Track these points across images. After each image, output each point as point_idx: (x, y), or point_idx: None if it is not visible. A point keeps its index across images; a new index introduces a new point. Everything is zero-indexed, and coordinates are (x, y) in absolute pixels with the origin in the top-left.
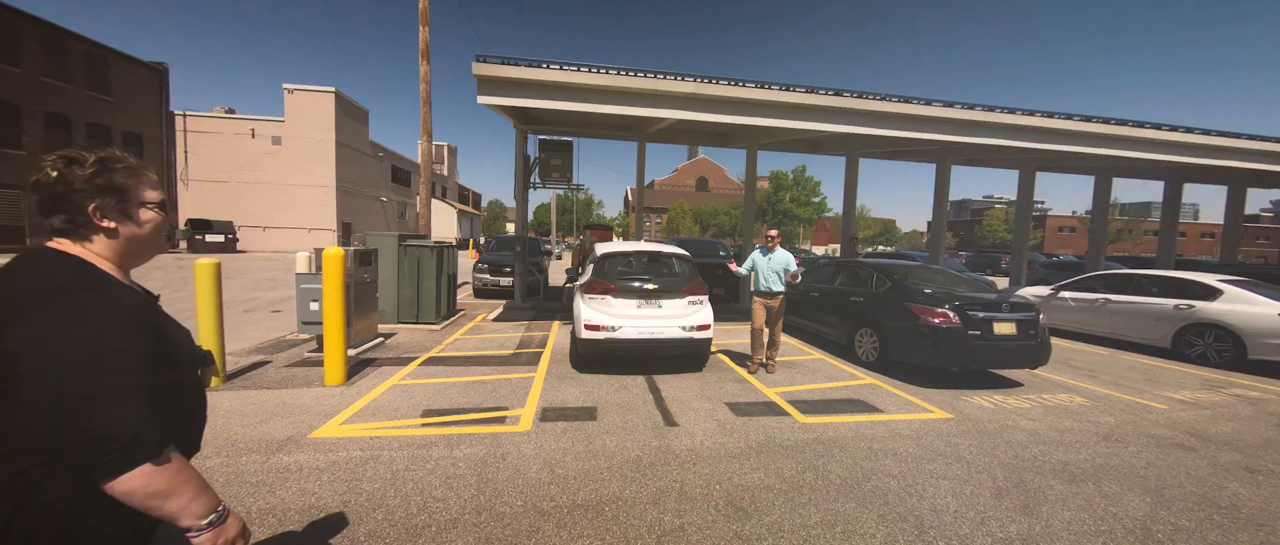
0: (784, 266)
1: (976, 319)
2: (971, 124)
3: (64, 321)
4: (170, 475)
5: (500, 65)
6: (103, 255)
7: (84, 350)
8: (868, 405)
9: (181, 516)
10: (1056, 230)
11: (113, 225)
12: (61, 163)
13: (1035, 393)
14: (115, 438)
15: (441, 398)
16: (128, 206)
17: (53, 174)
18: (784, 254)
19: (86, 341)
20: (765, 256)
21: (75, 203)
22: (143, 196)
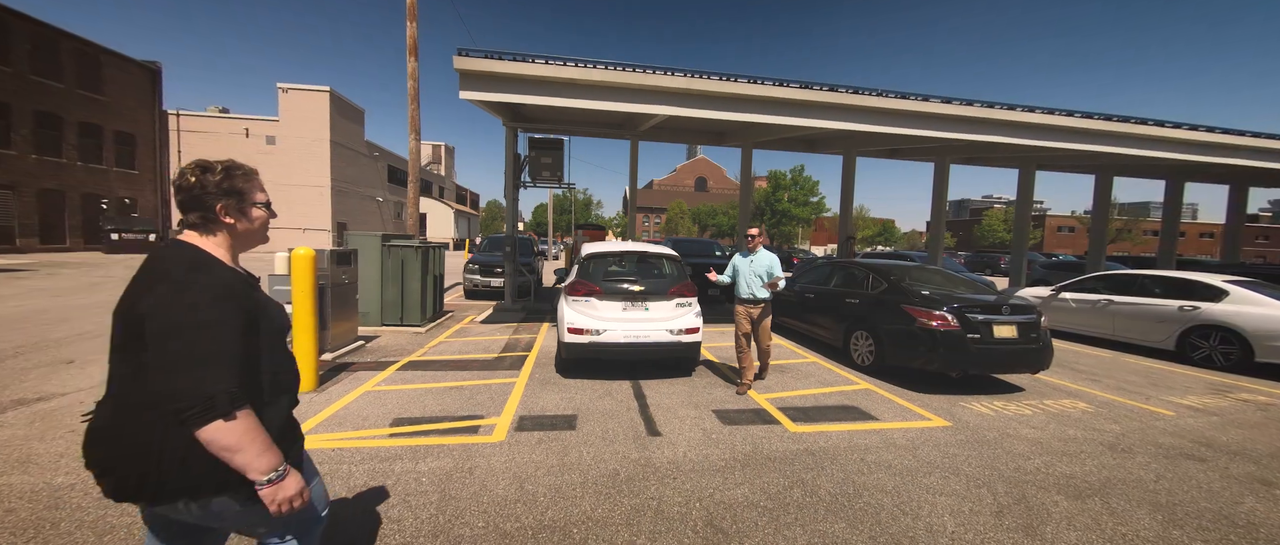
0: (767, 270)
1: (976, 321)
2: (971, 120)
3: (175, 295)
4: (239, 433)
5: (484, 59)
6: (221, 245)
7: (185, 319)
8: (862, 412)
9: (247, 470)
10: (1055, 230)
11: (232, 221)
12: (197, 171)
13: (1037, 398)
14: (196, 395)
15: (415, 405)
16: (244, 205)
17: (191, 179)
18: (767, 256)
19: (187, 312)
20: (747, 259)
21: (206, 203)
22: (255, 198)
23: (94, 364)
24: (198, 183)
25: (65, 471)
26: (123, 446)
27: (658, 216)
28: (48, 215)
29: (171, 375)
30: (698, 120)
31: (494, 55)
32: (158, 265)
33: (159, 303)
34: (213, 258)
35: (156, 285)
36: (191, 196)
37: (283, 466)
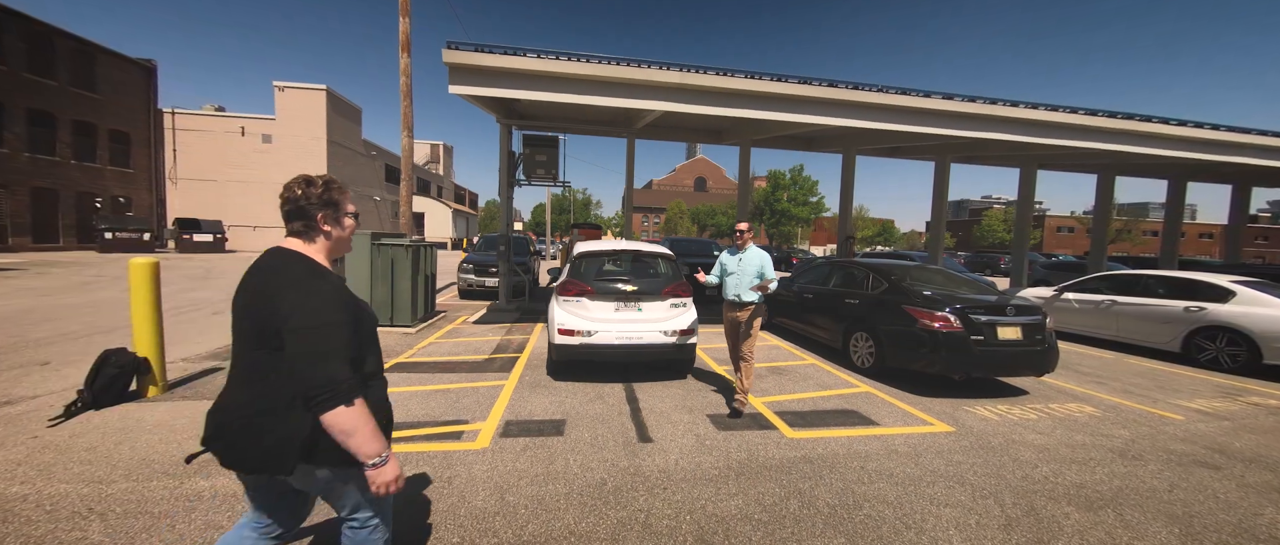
0: (758, 270)
1: (979, 323)
2: (972, 117)
3: (304, 300)
4: (355, 417)
5: (474, 53)
6: (320, 250)
7: (314, 320)
8: (862, 417)
9: (359, 453)
10: (1055, 230)
11: (329, 229)
12: (303, 183)
13: (1042, 402)
14: (327, 385)
15: (398, 409)
16: (339, 215)
17: (297, 192)
18: (758, 254)
19: (315, 314)
20: (735, 257)
21: (309, 212)
22: (346, 208)
23: (72, 366)
24: (303, 194)
25: (21, 481)
26: (253, 426)
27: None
28: (41, 214)
29: (305, 368)
30: (695, 117)
31: (485, 48)
32: (279, 271)
33: (293, 307)
34: (323, 265)
35: (285, 290)
36: (297, 206)
37: (387, 452)
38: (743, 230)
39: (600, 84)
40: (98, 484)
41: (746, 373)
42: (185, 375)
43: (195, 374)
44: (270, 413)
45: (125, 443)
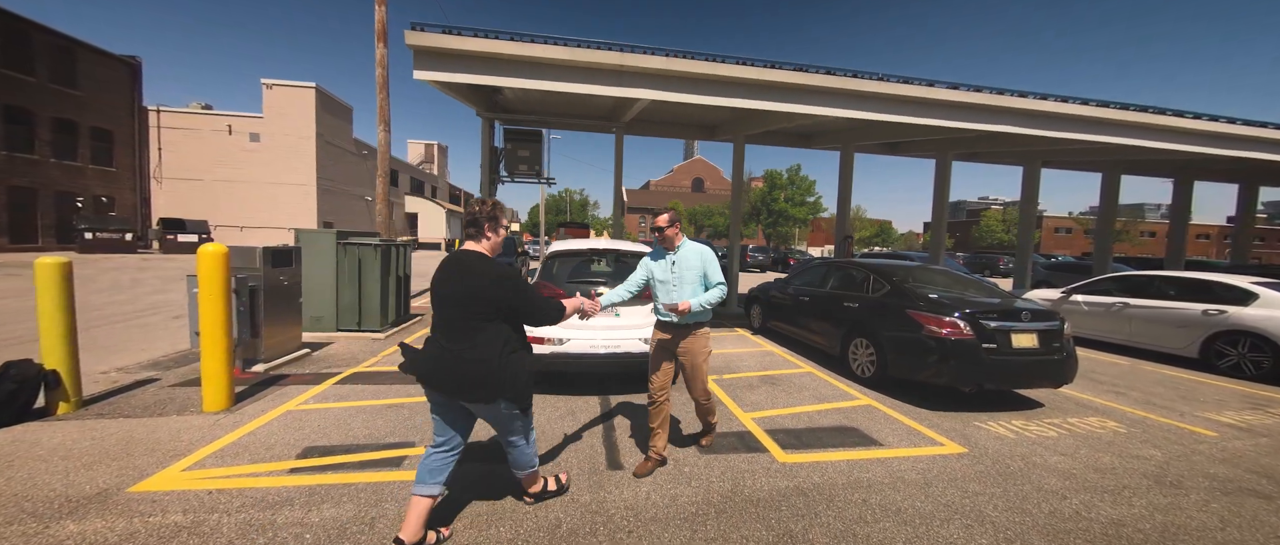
0: (701, 273)
1: (991, 329)
2: (979, 109)
3: (510, 281)
4: (569, 308)
5: (441, 35)
6: (485, 248)
7: (530, 290)
8: (863, 435)
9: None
10: (1053, 231)
11: (491, 236)
12: (479, 204)
13: (1060, 415)
14: (547, 309)
15: (338, 429)
16: (497, 226)
17: (477, 209)
18: (695, 252)
19: (527, 286)
20: (665, 261)
21: (480, 224)
22: (502, 222)
23: None
24: (480, 211)
25: None
26: (465, 365)
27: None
28: (18, 213)
29: (538, 315)
30: (685, 110)
31: (453, 30)
32: (475, 266)
33: (505, 290)
34: (480, 255)
35: (484, 278)
36: (474, 218)
37: (580, 303)
38: (662, 226)
39: (579, 70)
40: None
41: (707, 414)
42: (113, 387)
43: (125, 386)
44: (482, 361)
45: (21, 470)
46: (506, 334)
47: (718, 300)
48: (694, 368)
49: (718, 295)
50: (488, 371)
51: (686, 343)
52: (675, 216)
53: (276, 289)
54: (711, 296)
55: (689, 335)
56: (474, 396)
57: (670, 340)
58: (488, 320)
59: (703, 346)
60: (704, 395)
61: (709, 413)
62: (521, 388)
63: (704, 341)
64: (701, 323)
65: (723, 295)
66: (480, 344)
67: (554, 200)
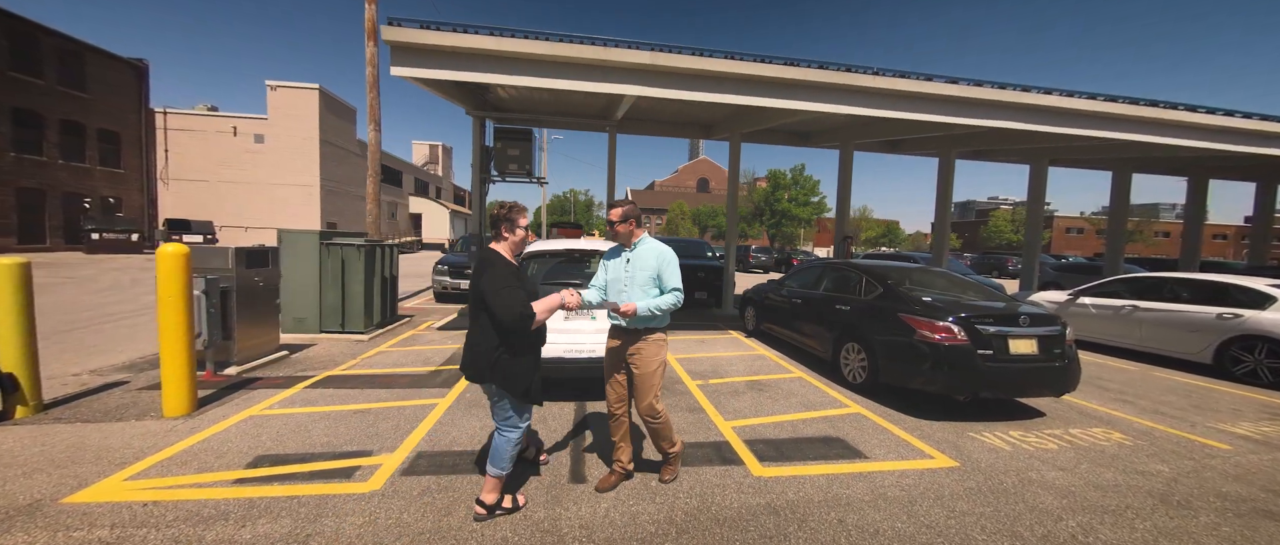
0: (654, 275)
1: (987, 334)
2: (979, 104)
3: (488, 272)
4: (540, 310)
5: (420, 30)
6: (505, 247)
7: (497, 285)
8: (848, 446)
9: (554, 309)
10: (1064, 231)
11: (507, 236)
12: (498, 206)
13: (1061, 426)
14: (515, 306)
15: (296, 436)
16: (514, 227)
17: (495, 212)
18: (652, 251)
19: (500, 279)
20: (620, 258)
21: (499, 225)
22: (518, 224)
23: None
24: (498, 213)
25: None
26: (473, 352)
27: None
28: (27, 214)
29: (497, 308)
30: (676, 106)
31: (431, 25)
32: (485, 258)
33: (489, 281)
34: (502, 256)
35: (484, 271)
36: (494, 220)
37: (560, 298)
38: (614, 220)
39: (560, 65)
40: None
41: (660, 437)
42: (82, 390)
43: (93, 389)
44: (475, 345)
45: None
46: (517, 339)
47: (670, 307)
48: (641, 378)
49: (670, 302)
50: (477, 354)
51: (635, 347)
52: (630, 211)
53: (251, 290)
54: (663, 302)
55: (638, 340)
56: (469, 375)
57: (619, 346)
58: (483, 309)
59: (653, 355)
60: (650, 413)
61: (661, 436)
62: (512, 379)
63: (655, 349)
64: (653, 328)
65: (676, 303)
66: (478, 329)
67: (559, 201)
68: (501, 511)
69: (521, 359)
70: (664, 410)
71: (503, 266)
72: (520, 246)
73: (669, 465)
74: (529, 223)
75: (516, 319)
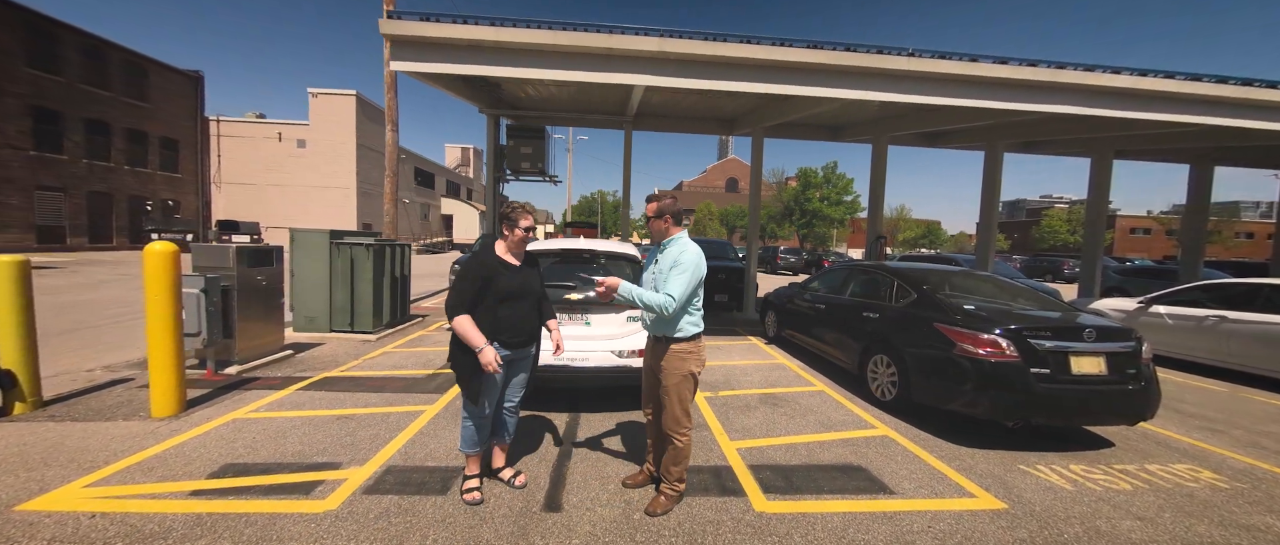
0: (669, 266)
1: (1043, 350)
2: (1033, 87)
3: (460, 269)
4: (461, 326)
5: (418, 22)
6: (503, 247)
7: (457, 279)
8: (871, 478)
9: (471, 343)
10: (1128, 232)
11: (507, 233)
12: (504, 206)
13: (1136, 459)
14: (450, 307)
15: (271, 443)
16: (513, 227)
17: (502, 211)
18: (671, 255)
19: (459, 275)
20: (653, 257)
21: (501, 224)
22: (518, 223)
23: None
24: (502, 212)
25: None
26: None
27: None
28: (96, 216)
29: (449, 299)
30: (694, 99)
31: (430, 17)
32: (472, 253)
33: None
34: (489, 250)
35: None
36: (499, 218)
37: (484, 345)
38: (650, 216)
39: (565, 56)
40: None
41: (671, 460)
42: (86, 386)
43: (97, 386)
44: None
45: None
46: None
47: (653, 305)
48: (664, 390)
49: (656, 301)
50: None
51: (657, 356)
52: (666, 206)
53: (254, 289)
54: (647, 297)
55: (658, 346)
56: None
57: (649, 354)
58: None
59: (674, 367)
60: (671, 428)
61: (672, 460)
62: (456, 369)
63: (676, 362)
64: (671, 336)
65: (663, 305)
66: None
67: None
68: (468, 487)
69: (464, 356)
70: (688, 433)
71: (470, 264)
72: (520, 245)
73: (663, 496)
74: (531, 224)
75: (448, 313)
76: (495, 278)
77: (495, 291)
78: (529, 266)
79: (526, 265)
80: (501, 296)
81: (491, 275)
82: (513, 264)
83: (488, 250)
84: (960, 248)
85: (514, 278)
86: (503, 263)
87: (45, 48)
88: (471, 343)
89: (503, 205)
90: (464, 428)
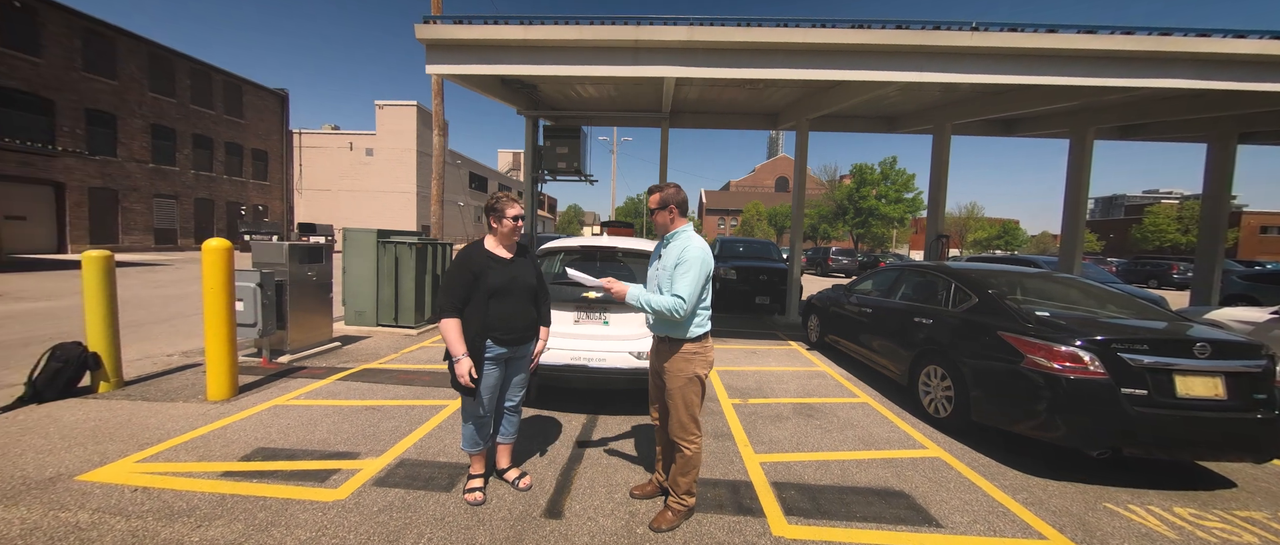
0: (671, 271)
1: (1139, 366)
2: (1128, 60)
3: (449, 268)
4: (446, 330)
5: (452, 25)
6: (492, 238)
7: (446, 278)
8: (915, 506)
9: (451, 351)
10: (1257, 231)
11: (495, 225)
12: (489, 198)
13: (1268, 505)
14: (438, 308)
15: (302, 430)
16: (500, 218)
17: (488, 203)
18: (676, 248)
19: (448, 274)
20: (657, 252)
21: (489, 215)
22: (505, 213)
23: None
24: (488, 203)
25: None
26: None
27: (733, 218)
28: (201, 220)
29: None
30: (727, 91)
31: (463, 20)
32: (460, 252)
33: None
34: (478, 245)
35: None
36: (485, 210)
37: (461, 356)
38: (653, 209)
39: (589, 50)
40: None
41: (679, 468)
42: (162, 369)
43: (171, 369)
44: None
45: (14, 448)
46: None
47: (662, 310)
48: (668, 394)
49: (666, 305)
50: None
51: (661, 357)
52: (669, 196)
53: (305, 284)
54: (656, 301)
55: (662, 347)
56: None
57: (654, 355)
58: None
59: (679, 369)
60: (678, 434)
61: (681, 470)
62: (450, 366)
63: (682, 363)
64: (677, 337)
65: (673, 308)
66: None
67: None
68: (470, 487)
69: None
70: (697, 440)
71: (457, 262)
72: (510, 237)
73: (670, 510)
74: (520, 213)
75: (438, 312)
76: (484, 273)
77: (485, 287)
78: (521, 258)
79: (518, 257)
80: (491, 292)
81: (480, 271)
82: (503, 257)
83: (476, 245)
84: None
85: (504, 272)
86: (492, 257)
87: (164, 73)
88: (451, 349)
89: (490, 197)
90: (464, 427)
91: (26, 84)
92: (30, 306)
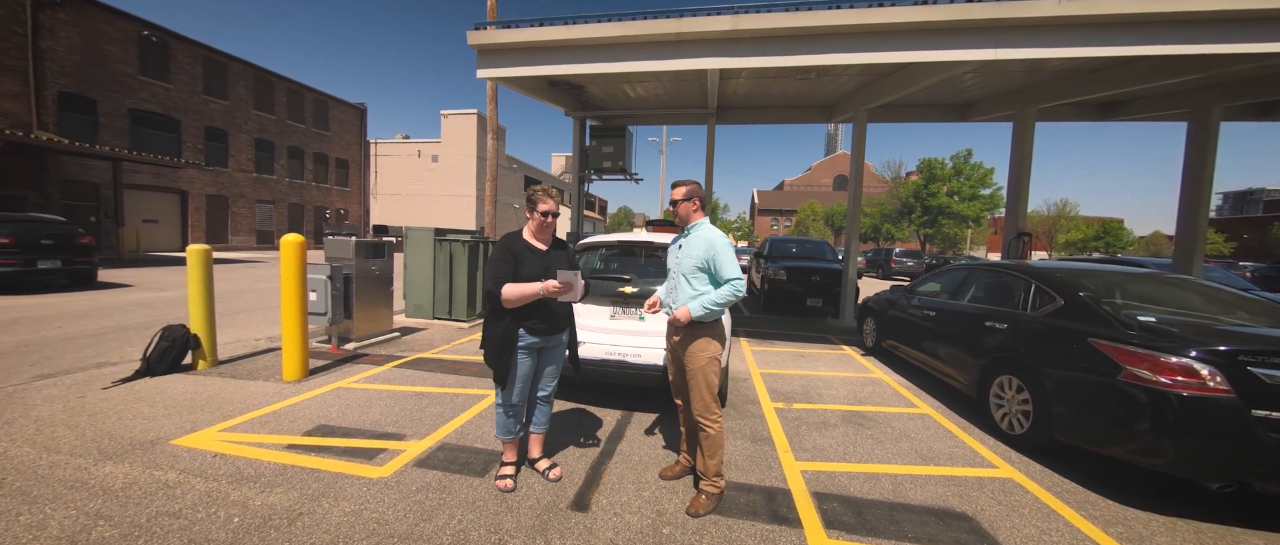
0: (698, 264)
1: (1274, 383)
2: (1265, 17)
3: (492, 251)
4: (508, 295)
5: (500, 30)
6: (528, 228)
7: (490, 258)
8: (979, 531)
9: (527, 299)
10: None
11: (530, 215)
12: (528, 191)
13: None
14: (487, 291)
15: (358, 410)
16: (533, 210)
17: (528, 197)
18: (703, 238)
19: (492, 255)
20: (676, 245)
21: (527, 206)
22: (539, 207)
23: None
24: (527, 195)
25: (24, 441)
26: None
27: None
28: (294, 222)
29: (485, 281)
30: (777, 84)
31: (511, 24)
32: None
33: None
34: (517, 235)
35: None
36: (526, 201)
37: (538, 289)
38: (676, 200)
39: (631, 46)
40: (49, 453)
41: (706, 451)
42: (249, 351)
43: (259, 351)
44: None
45: (128, 413)
46: (493, 306)
47: (726, 301)
48: (690, 375)
49: (726, 295)
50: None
51: (681, 339)
52: (695, 189)
53: (368, 278)
54: (718, 296)
55: (682, 333)
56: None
57: (672, 341)
58: None
59: (699, 349)
60: (702, 415)
61: (708, 452)
62: (488, 351)
63: (702, 344)
64: (693, 328)
65: (733, 295)
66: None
67: None
68: (504, 474)
69: (491, 336)
70: (719, 420)
71: (499, 246)
72: (541, 229)
73: (703, 494)
74: (551, 208)
75: (487, 292)
76: (521, 261)
77: (520, 277)
78: (557, 251)
79: (554, 250)
80: (525, 281)
81: (517, 259)
82: (539, 248)
83: (515, 234)
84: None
85: (538, 262)
86: (528, 246)
87: (265, 93)
88: (527, 294)
89: (528, 189)
90: (497, 415)
91: (161, 107)
92: (158, 295)
